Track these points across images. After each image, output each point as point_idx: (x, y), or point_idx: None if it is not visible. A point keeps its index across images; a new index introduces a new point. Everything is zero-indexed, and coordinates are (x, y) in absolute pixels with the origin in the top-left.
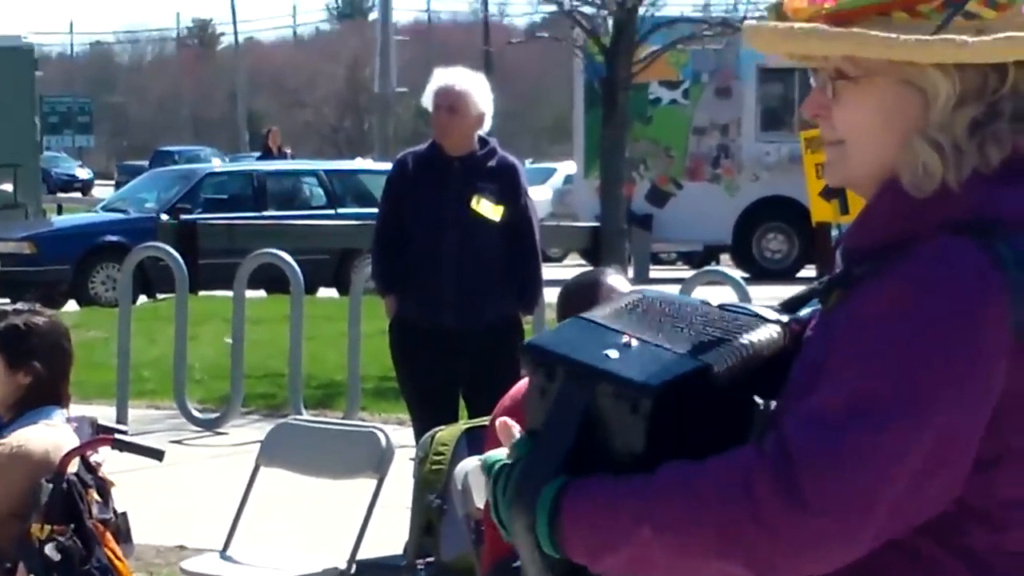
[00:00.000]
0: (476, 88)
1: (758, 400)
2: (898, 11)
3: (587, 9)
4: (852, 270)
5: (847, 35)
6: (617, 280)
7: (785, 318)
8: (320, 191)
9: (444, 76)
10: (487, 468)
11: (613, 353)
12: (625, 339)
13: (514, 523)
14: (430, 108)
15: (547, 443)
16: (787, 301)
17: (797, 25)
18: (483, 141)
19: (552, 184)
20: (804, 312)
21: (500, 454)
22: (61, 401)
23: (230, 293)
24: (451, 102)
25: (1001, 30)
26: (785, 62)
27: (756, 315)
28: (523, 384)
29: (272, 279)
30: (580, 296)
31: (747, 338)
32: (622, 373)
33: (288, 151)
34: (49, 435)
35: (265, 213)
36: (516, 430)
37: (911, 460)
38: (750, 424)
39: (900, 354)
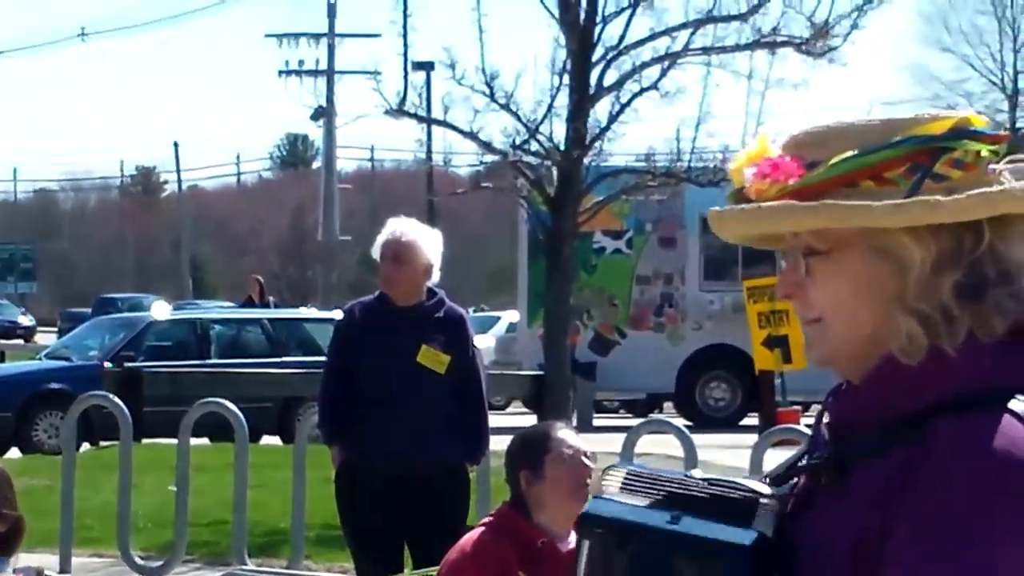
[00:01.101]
0: (424, 239)
1: None
2: (865, 180)
3: (531, 159)
4: (847, 448)
5: (819, 207)
6: (567, 434)
7: (774, 491)
8: (264, 339)
9: (393, 226)
10: None
11: (674, 522)
12: (672, 514)
13: None
14: (378, 258)
15: None
16: (774, 474)
17: (765, 204)
18: (431, 292)
19: (495, 332)
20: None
21: None
22: (7, 551)
23: (174, 441)
24: (397, 252)
25: (969, 188)
26: None
27: (747, 487)
28: (470, 537)
29: (216, 427)
30: (530, 449)
31: (765, 509)
32: (710, 535)
33: (271, 299)
34: None
35: (209, 361)
36: None
37: None
38: None
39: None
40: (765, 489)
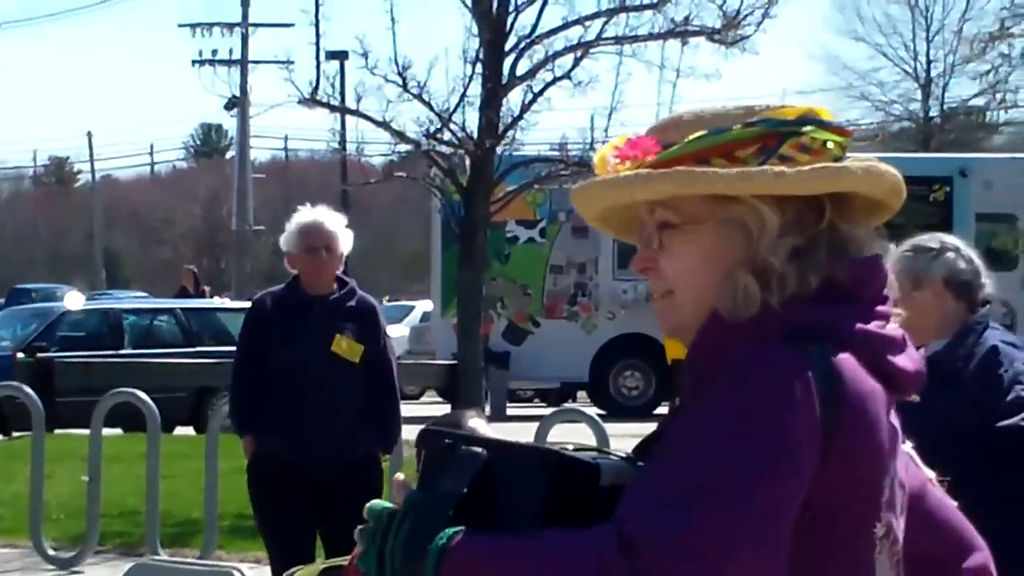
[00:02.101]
0: (342, 228)
1: None
2: (716, 157)
3: (444, 148)
4: (681, 403)
5: (670, 174)
6: (478, 422)
7: (629, 454)
8: (177, 329)
9: (313, 215)
10: (373, 514)
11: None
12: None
13: (402, 570)
14: (295, 248)
15: (438, 498)
16: (639, 443)
17: (621, 174)
18: (342, 281)
19: (409, 322)
20: None
21: (386, 503)
22: None
23: (87, 431)
24: (327, 242)
25: None
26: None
27: (609, 453)
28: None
29: (129, 417)
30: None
31: (615, 458)
32: (528, 444)
33: (206, 289)
34: None
35: (122, 351)
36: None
37: (748, 540)
38: None
39: (723, 439)
40: (620, 452)
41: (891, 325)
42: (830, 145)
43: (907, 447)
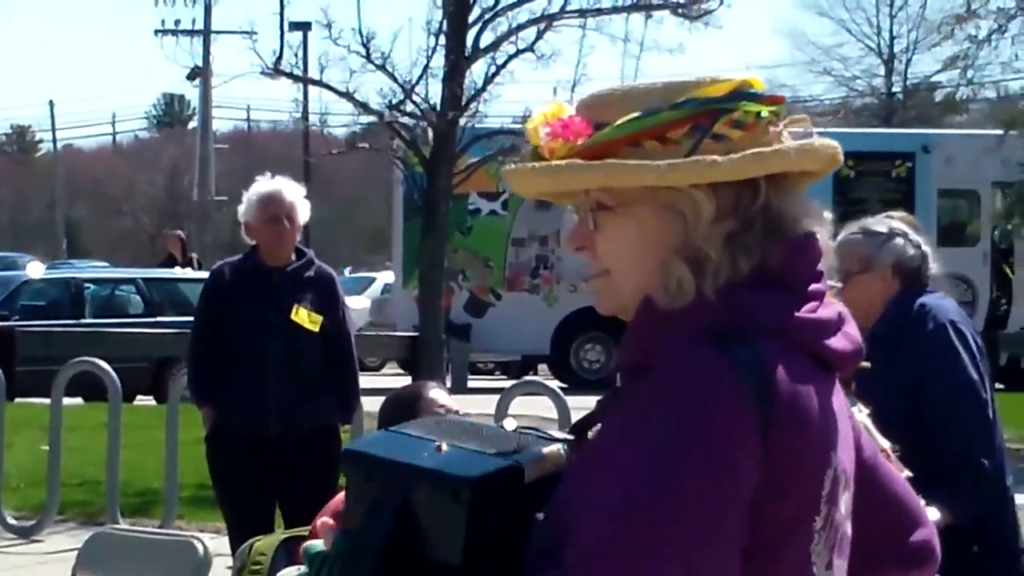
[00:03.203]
0: (301, 198)
1: (538, 515)
2: (649, 140)
3: (407, 120)
4: (617, 388)
5: (600, 166)
6: (439, 394)
7: (570, 438)
8: (138, 298)
9: (273, 185)
10: (307, 558)
11: (427, 454)
12: (437, 445)
13: None
14: (255, 218)
15: (365, 541)
16: (577, 422)
17: (553, 163)
18: (300, 252)
19: (370, 293)
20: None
21: (320, 545)
22: None
23: (47, 400)
24: (288, 212)
25: (749, 148)
26: None
27: (547, 435)
28: (343, 496)
29: (90, 386)
30: (401, 408)
31: (542, 450)
32: (441, 469)
33: (194, 255)
34: None
35: (83, 320)
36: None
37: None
38: (528, 536)
39: (646, 471)
40: (560, 435)
41: (826, 306)
42: (764, 114)
43: (863, 416)
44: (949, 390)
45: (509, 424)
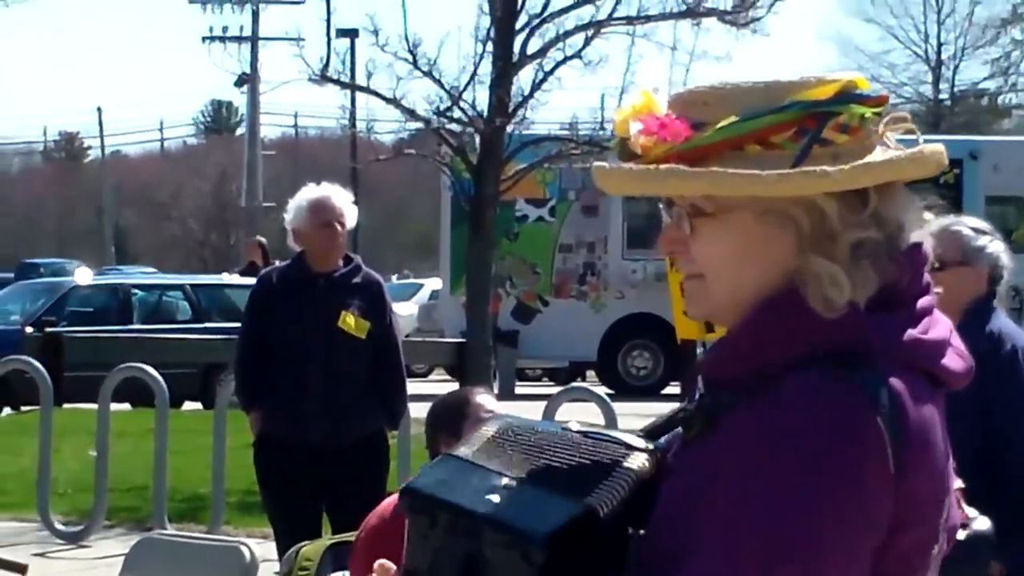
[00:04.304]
0: (349, 204)
1: (631, 531)
2: (752, 144)
3: (454, 126)
4: (717, 398)
5: (705, 175)
6: (486, 399)
7: (651, 445)
8: (186, 304)
9: (322, 191)
10: None
11: (495, 497)
12: (504, 481)
13: None
14: (306, 224)
15: None
16: (648, 428)
17: (653, 167)
18: (347, 258)
19: (418, 300)
20: (663, 440)
21: None
22: None
23: (95, 406)
24: (339, 217)
25: (854, 152)
26: None
27: (623, 443)
28: (390, 502)
29: (137, 392)
30: (449, 414)
31: (624, 471)
32: (510, 522)
33: (277, 262)
34: None
35: (131, 326)
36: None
37: None
38: (625, 552)
39: (792, 503)
40: (639, 443)
41: (937, 322)
42: (868, 116)
43: None
44: (1017, 414)
45: (573, 426)
